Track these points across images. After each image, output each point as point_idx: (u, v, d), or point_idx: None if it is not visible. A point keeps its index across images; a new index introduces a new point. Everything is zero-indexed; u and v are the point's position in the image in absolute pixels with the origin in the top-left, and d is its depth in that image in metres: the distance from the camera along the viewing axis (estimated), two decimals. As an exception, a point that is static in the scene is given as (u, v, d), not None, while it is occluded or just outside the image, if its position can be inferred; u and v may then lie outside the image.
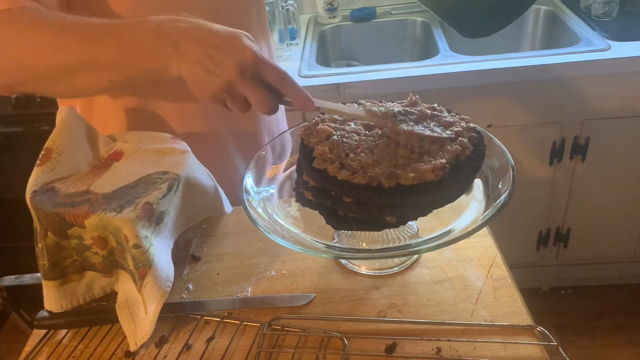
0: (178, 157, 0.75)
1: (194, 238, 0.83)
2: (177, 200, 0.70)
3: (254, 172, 0.75)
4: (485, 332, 0.63)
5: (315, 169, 0.64)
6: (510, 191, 0.64)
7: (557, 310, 1.87)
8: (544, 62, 1.48)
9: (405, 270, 0.73)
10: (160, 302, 0.64)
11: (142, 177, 0.70)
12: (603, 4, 1.66)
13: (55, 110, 0.75)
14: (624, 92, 1.51)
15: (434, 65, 1.54)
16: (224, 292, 0.73)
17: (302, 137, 0.69)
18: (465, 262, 0.73)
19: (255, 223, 0.65)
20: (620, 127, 1.56)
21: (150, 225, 0.66)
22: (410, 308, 0.67)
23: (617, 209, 1.72)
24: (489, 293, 0.68)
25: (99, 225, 0.64)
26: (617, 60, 1.46)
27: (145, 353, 0.65)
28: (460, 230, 0.65)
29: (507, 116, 1.56)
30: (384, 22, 1.91)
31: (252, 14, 0.88)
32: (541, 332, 0.61)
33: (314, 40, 1.80)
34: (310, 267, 0.75)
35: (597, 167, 1.64)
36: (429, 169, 0.60)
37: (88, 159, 0.75)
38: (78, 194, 0.67)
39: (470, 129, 0.67)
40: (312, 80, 1.53)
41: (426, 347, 0.62)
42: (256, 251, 0.79)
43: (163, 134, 0.80)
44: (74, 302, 0.69)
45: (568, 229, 1.78)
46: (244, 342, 0.65)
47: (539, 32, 1.90)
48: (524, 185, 1.67)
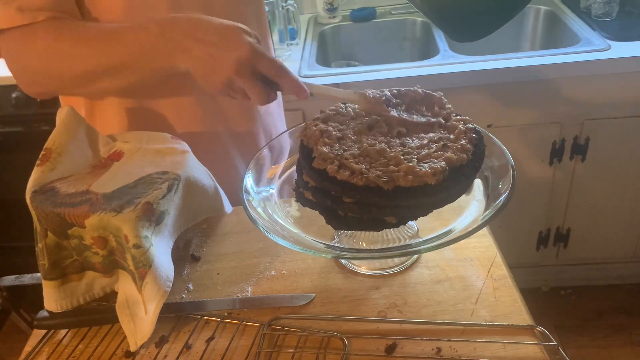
0: (178, 157, 0.75)
1: (194, 238, 0.83)
2: (177, 200, 0.70)
3: (253, 172, 0.75)
4: (485, 332, 0.63)
5: (315, 169, 0.64)
6: (510, 191, 0.64)
7: (557, 310, 1.87)
8: (544, 62, 1.48)
9: (405, 270, 0.73)
10: (160, 302, 0.64)
11: (142, 177, 0.70)
12: (603, 4, 1.66)
13: (55, 110, 0.75)
14: (624, 92, 1.51)
15: (434, 65, 1.54)
16: (224, 292, 0.73)
17: (302, 138, 0.70)
18: (465, 262, 0.73)
19: (255, 223, 0.65)
20: (620, 127, 1.56)
21: (151, 225, 0.66)
22: (410, 308, 0.67)
23: (617, 209, 1.72)
24: (489, 293, 0.68)
25: (99, 225, 0.64)
26: (617, 60, 1.46)
27: (145, 353, 0.65)
28: (460, 230, 0.65)
29: (507, 116, 1.56)
30: (384, 22, 1.91)
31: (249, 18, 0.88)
32: (541, 332, 0.61)
33: (314, 40, 1.80)
34: (310, 267, 0.75)
35: (597, 167, 1.63)
36: (429, 173, 0.60)
37: (88, 159, 0.75)
38: (78, 194, 0.67)
39: (470, 129, 0.67)
40: (312, 80, 1.53)
41: (426, 347, 0.62)
42: (256, 251, 0.79)
43: (163, 134, 0.80)
44: (74, 302, 0.69)
45: (568, 229, 1.78)
46: (244, 342, 0.65)
47: (539, 32, 1.90)
48: (524, 185, 1.67)
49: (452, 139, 0.66)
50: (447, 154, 0.63)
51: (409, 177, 0.60)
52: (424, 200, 0.62)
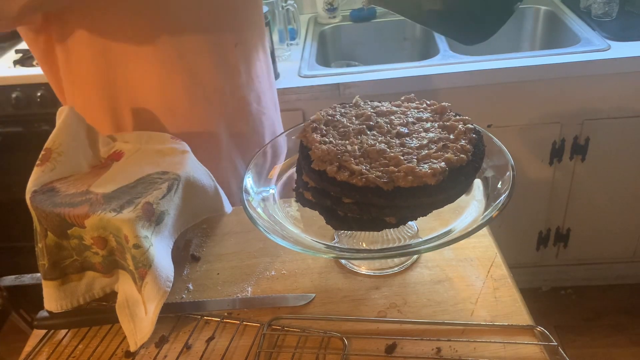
0: (178, 157, 0.75)
1: (194, 238, 0.83)
2: (177, 200, 0.70)
3: (253, 172, 0.75)
4: (485, 332, 0.63)
5: (314, 170, 0.64)
6: (510, 191, 0.64)
7: (557, 310, 1.87)
8: (544, 62, 1.48)
9: (405, 270, 0.73)
10: (160, 302, 0.64)
11: (142, 177, 0.70)
12: (603, 4, 1.66)
13: (55, 110, 0.75)
14: (624, 92, 1.51)
15: (434, 65, 1.54)
16: (224, 292, 0.73)
17: (302, 139, 0.70)
18: (465, 262, 0.73)
19: (255, 223, 0.65)
20: (620, 127, 1.56)
21: (150, 226, 0.66)
22: (410, 308, 0.67)
23: (617, 209, 1.72)
24: (489, 293, 0.68)
25: (99, 225, 0.64)
26: (617, 60, 1.46)
27: (145, 353, 0.65)
28: (460, 230, 0.65)
29: (507, 116, 1.56)
30: (384, 22, 1.91)
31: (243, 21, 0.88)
32: (541, 332, 0.61)
33: (314, 40, 1.80)
34: (310, 267, 0.75)
35: (597, 167, 1.64)
36: (429, 174, 0.60)
37: (88, 159, 0.75)
38: (78, 194, 0.67)
39: (470, 129, 0.67)
40: (312, 80, 1.53)
41: (426, 347, 0.62)
42: (256, 251, 0.79)
43: (163, 134, 0.80)
44: (74, 302, 0.69)
45: (568, 229, 1.78)
46: (244, 342, 0.65)
47: (539, 32, 1.90)
48: (524, 185, 1.67)
49: (452, 140, 0.66)
50: (447, 155, 0.63)
51: (408, 178, 0.60)
52: (423, 201, 0.62)
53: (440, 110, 0.72)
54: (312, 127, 0.69)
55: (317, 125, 0.70)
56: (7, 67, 1.63)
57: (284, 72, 1.58)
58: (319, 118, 0.71)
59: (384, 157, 0.63)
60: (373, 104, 0.75)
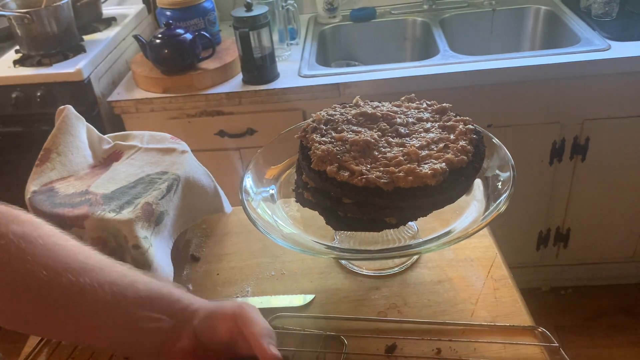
0: (178, 157, 0.75)
1: (194, 238, 0.83)
2: (176, 200, 0.70)
3: (253, 172, 0.75)
4: (485, 332, 0.63)
5: (314, 170, 0.64)
6: (510, 191, 0.64)
7: (557, 311, 1.87)
8: (544, 62, 1.47)
9: (405, 271, 0.73)
10: (160, 302, 0.64)
11: (141, 177, 0.70)
12: (603, 4, 1.66)
13: (55, 110, 0.75)
14: (624, 92, 1.51)
15: (434, 65, 1.54)
16: (223, 293, 0.73)
17: (302, 139, 0.69)
18: (466, 263, 0.73)
19: (254, 223, 0.65)
20: (620, 127, 1.56)
21: (150, 226, 0.66)
22: (410, 308, 0.67)
23: (617, 209, 1.72)
24: (489, 293, 0.68)
25: (98, 226, 0.64)
26: (617, 60, 1.46)
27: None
28: (460, 230, 0.65)
29: (507, 116, 1.56)
30: (384, 22, 1.91)
31: None
32: (542, 333, 0.61)
33: (314, 40, 1.80)
34: (310, 267, 0.75)
35: (597, 167, 1.63)
36: (429, 174, 0.60)
37: (87, 159, 0.75)
38: (77, 195, 0.67)
39: (470, 130, 0.67)
40: (312, 80, 1.53)
41: (426, 347, 0.62)
42: (256, 251, 0.79)
43: (163, 134, 0.80)
44: (73, 302, 0.69)
45: (568, 229, 1.77)
46: (244, 342, 0.65)
47: (539, 32, 1.90)
48: (524, 185, 1.67)
49: (452, 140, 0.66)
50: (447, 155, 0.63)
51: (409, 178, 0.60)
52: (424, 201, 0.62)
53: (441, 110, 0.72)
54: (312, 127, 0.69)
55: (317, 125, 0.70)
56: (7, 67, 1.63)
57: (284, 72, 1.58)
58: (319, 118, 0.71)
59: (385, 158, 0.63)
60: (373, 104, 0.75)
